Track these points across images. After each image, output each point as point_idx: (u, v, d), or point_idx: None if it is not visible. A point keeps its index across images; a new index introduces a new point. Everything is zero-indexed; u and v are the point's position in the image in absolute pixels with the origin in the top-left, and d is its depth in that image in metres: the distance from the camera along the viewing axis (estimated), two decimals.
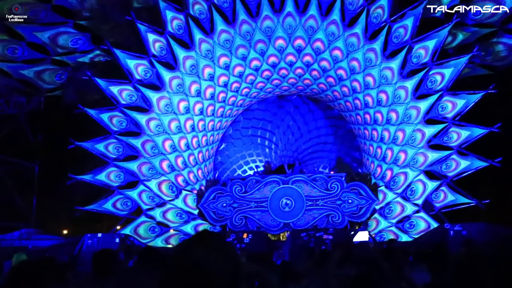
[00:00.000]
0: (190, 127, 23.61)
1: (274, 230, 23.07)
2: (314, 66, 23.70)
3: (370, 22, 21.52)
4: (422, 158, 21.57)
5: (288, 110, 27.09)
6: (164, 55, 22.05)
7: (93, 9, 21.05)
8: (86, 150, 21.89)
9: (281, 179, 23.32)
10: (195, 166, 24.26)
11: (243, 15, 22.39)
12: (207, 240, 1.87)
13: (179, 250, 1.85)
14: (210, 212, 23.23)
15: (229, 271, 1.79)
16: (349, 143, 26.32)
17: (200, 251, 1.80)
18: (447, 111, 20.76)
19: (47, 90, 24.52)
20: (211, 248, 1.82)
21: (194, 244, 1.85)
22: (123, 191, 22.64)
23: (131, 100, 22.10)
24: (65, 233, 29.09)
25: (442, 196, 21.40)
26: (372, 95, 22.53)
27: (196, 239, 1.89)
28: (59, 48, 22.26)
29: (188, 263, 1.77)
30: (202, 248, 1.82)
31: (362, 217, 22.40)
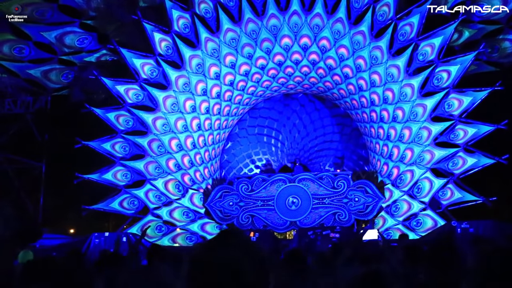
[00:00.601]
0: (197, 126, 23.65)
1: (280, 229, 23.08)
2: (320, 65, 23.70)
3: (376, 20, 21.50)
4: (428, 155, 21.53)
5: (294, 109, 27.08)
6: (170, 54, 22.09)
7: (100, 8, 21.14)
8: (93, 149, 21.96)
9: (287, 177, 23.33)
10: (201, 165, 24.30)
11: (249, 14, 22.41)
12: (231, 240, 1.88)
13: (205, 251, 1.85)
14: (216, 211, 23.26)
15: (256, 267, 1.80)
16: (355, 141, 26.29)
17: (227, 250, 1.81)
18: (453, 109, 20.72)
19: (53, 90, 24.64)
20: (237, 247, 1.83)
21: (219, 244, 1.85)
22: (129, 190, 22.69)
23: (138, 99, 22.16)
24: (72, 232, 29.20)
25: (449, 194, 21.37)
26: (378, 93, 22.51)
27: (219, 238, 1.90)
28: (66, 47, 22.38)
29: (217, 263, 1.77)
30: (228, 247, 1.82)
31: (368, 215, 22.38)
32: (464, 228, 18.35)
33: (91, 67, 22.58)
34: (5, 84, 24.20)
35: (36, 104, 25.02)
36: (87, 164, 22.58)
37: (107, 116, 21.86)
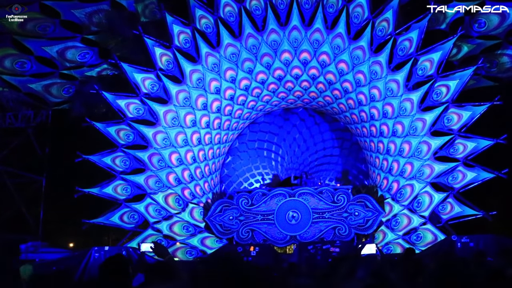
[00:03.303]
0: (197, 140, 23.70)
1: (280, 243, 23.04)
2: (320, 79, 23.82)
3: (375, 35, 21.65)
4: (428, 170, 21.56)
5: (294, 123, 27.15)
6: (171, 69, 22.21)
7: (101, 23, 21.32)
8: (93, 163, 22.00)
9: (287, 191, 23.34)
10: (201, 179, 24.31)
11: (249, 29, 22.57)
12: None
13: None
14: (216, 225, 23.24)
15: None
16: (355, 155, 26.32)
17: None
18: (453, 123, 20.80)
19: (54, 104, 24.76)
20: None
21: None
22: (130, 204, 22.69)
23: (138, 113, 22.23)
24: (72, 246, 29.14)
25: (449, 208, 21.35)
26: (378, 107, 22.60)
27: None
28: (67, 62, 22.53)
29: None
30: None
31: (369, 229, 22.36)
32: (464, 242, 18.33)
33: (92, 81, 22.68)
34: (6, 98, 24.32)
35: (37, 118, 25.14)
36: (88, 178, 22.62)
37: (108, 130, 21.92)
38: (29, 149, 25.61)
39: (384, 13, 21.12)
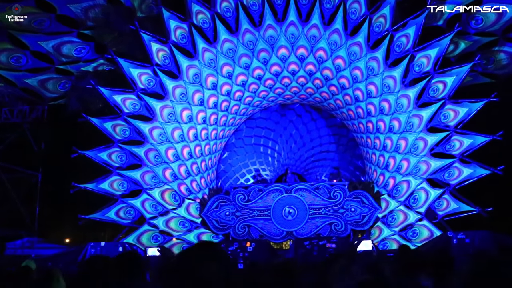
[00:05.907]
0: (193, 136, 23.67)
1: (277, 239, 23.06)
2: (317, 75, 23.80)
3: (372, 31, 21.64)
4: (424, 166, 21.60)
5: (290, 119, 27.14)
6: (168, 64, 22.16)
7: (97, 18, 21.22)
8: (89, 159, 21.94)
9: (284, 187, 23.35)
10: (198, 175, 24.29)
11: (246, 25, 22.52)
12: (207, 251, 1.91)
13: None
14: (213, 220, 23.23)
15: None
16: (351, 151, 26.34)
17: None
18: (449, 119, 20.84)
19: (50, 99, 24.65)
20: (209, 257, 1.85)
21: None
22: (126, 199, 22.66)
23: (135, 109, 22.18)
24: (68, 242, 29.09)
25: (445, 204, 21.42)
26: (374, 103, 22.61)
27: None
28: (63, 57, 22.43)
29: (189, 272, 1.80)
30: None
31: (365, 225, 22.40)
32: (460, 238, 18.36)
33: (88, 76, 22.62)
34: (2, 93, 24.22)
35: (33, 113, 25.01)
36: (84, 173, 22.55)
37: (104, 126, 21.86)
38: (25, 144, 25.51)
39: (381, 9, 21.11)
